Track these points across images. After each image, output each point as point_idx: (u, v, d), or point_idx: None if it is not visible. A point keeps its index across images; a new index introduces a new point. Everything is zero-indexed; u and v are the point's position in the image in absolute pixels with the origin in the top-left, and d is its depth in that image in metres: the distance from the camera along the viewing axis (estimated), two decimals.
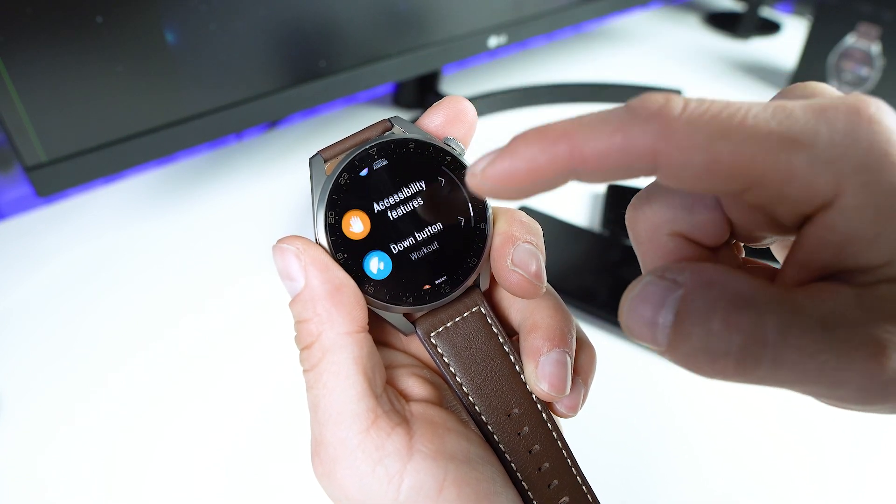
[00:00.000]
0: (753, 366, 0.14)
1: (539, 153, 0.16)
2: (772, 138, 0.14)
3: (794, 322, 0.14)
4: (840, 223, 0.15)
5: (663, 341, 0.15)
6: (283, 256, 0.21)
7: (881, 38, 0.76)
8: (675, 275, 0.15)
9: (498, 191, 0.17)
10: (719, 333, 0.14)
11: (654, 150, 0.15)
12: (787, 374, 0.14)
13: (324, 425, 0.20)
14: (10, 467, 0.41)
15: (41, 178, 0.49)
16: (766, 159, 0.14)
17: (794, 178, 0.14)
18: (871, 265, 0.14)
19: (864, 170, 0.14)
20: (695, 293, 0.15)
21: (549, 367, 0.22)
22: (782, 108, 0.15)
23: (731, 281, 0.15)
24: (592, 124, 0.16)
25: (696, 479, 0.42)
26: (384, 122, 0.24)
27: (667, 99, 0.15)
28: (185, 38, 0.51)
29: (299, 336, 0.21)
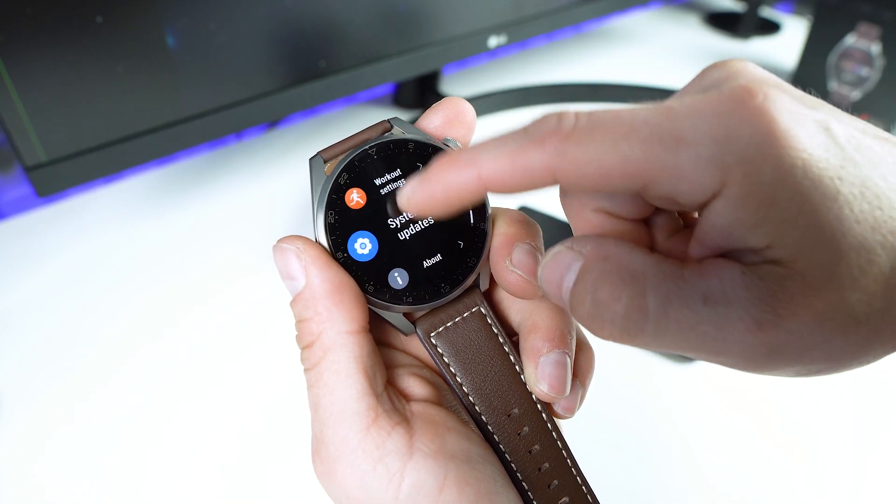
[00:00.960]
0: (636, 332, 0.16)
1: (452, 179, 0.18)
2: (656, 143, 0.16)
3: (677, 296, 0.16)
4: (726, 211, 0.16)
5: (566, 301, 0.18)
6: (284, 256, 0.21)
7: (881, 38, 0.76)
8: (580, 246, 0.18)
9: (426, 211, 0.19)
10: (605, 302, 0.16)
11: (550, 169, 0.17)
12: (670, 341, 0.16)
13: (324, 424, 0.20)
14: (10, 467, 0.41)
15: (41, 178, 0.49)
16: (654, 162, 0.16)
17: (682, 175, 0.16)
18: (756, 247, 0.15)
19: (745, 163, 0.15)
20: (592, 264, 0.17)
21: (548, 367, 0.22)
22: (667, 111, 0.16)
23: (625, 256, 0.17)
24: (494, 151, 0.18)
25: (695, 479, 0.42)
26: (384, 122, 0.24)
27: (559, 118, 0.17)
28: (185, 38, 0.51)
29: (300, 335, 0.21)
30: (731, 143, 0.15)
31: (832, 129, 0.16)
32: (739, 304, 0.15)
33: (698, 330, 0.15)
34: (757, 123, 0.15)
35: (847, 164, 0.15)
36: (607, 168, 0.16)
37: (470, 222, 0.23)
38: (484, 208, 0.24)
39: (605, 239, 0.18)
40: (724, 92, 0.16)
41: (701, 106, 0.16)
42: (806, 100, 0.17)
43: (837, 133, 0.16)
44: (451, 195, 0.18)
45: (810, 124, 0.16)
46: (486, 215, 0.24)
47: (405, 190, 0.19)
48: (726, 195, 0.15)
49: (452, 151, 0.19)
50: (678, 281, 0.16)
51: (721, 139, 0.15)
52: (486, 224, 0.23)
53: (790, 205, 0.15)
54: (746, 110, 0.15)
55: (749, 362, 0.16)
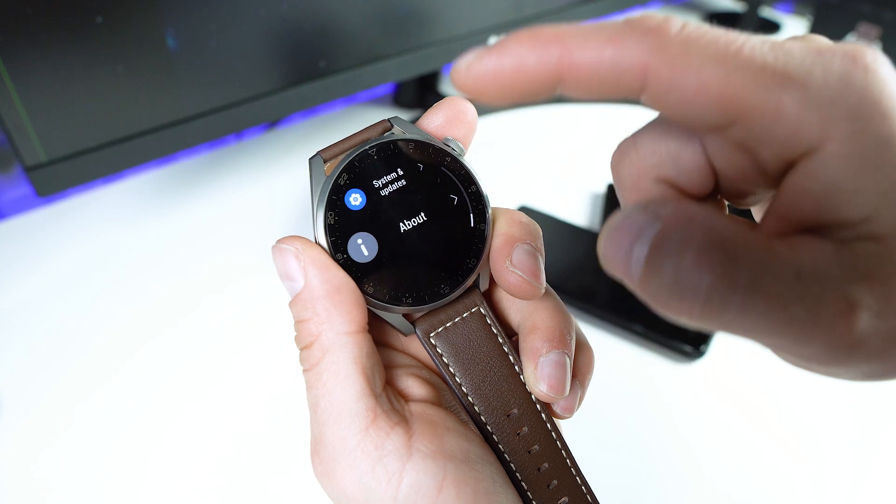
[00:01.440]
0: (721, 308, 0.14)
1: (529, 53, 0.16)
2: (765, 71, 0.14)
3: (769, 269, 0.14)
4: (823, 172, 0.14)
5: (636, 273, 0.15)
6: (283, 256, 0.21)
7: (881, 38, 0.76)
8: (657, 207, 0.15)
9: (481, 89, 0.17)
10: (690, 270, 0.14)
11: (645, 66, 0.15)
12: (754, 321, 0.14)
13: (323, 424, 0.20)
14: (10, 467, 0.41)
15: (41, 178, 0.49)
16: (757, 92, 0.14)
17: (782, 116, 0.14)
18: (851, 220, 0.14)
19: (854, 118, 0.14)
20: (673, 226, 0.14)
21: (548, 368, 0.22)
22: (780, 45, 0.15)
23: (712, 219, 0.14)
24: (587, 32, 0.15)
25: (695, 479, 0.42)
26: (384, 122, 0.24)
27: (666, 18, 0.15)
28: (185, 38, 0.51)
29: (299, 336, 0.21)
30: (843, 95, 0.14)
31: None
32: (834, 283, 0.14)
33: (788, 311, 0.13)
34: (871, 80, 0.14)
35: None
36: (707, 82, 0.14)
37: (470, 223, 0.23)
38: (484, 209, 0.24)
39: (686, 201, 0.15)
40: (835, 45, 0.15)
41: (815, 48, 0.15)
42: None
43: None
44: (523, 74, 0.16)
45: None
46: (486, 216, 0.23)
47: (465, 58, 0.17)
48: (826, 152, 0.14)
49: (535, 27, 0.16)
50: (770, 252, 0.14)
51: (832, 88, 0.14)
52: (486, 224, 0.23)
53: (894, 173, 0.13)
54: (860, 65, 0.14)
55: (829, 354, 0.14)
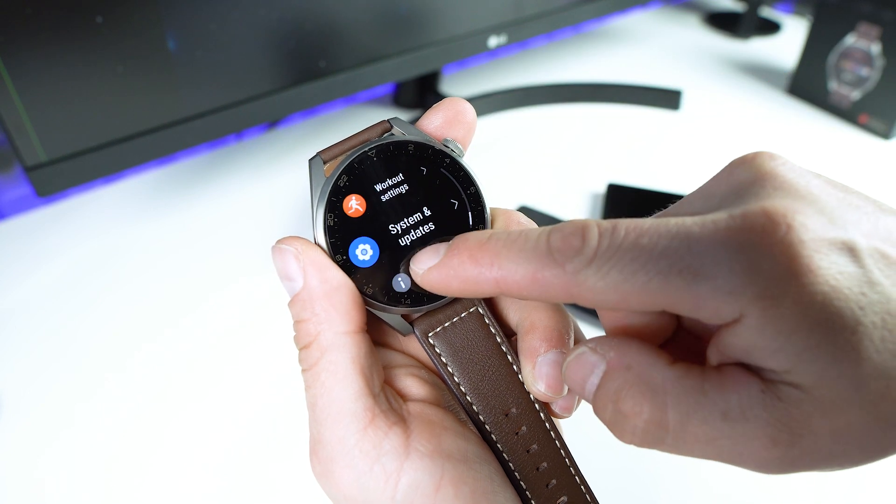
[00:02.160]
0: (655, 443, 0.17)
1: (470, 273, 0.19)
2: (676, 274, 0.16)
3: (697, 412, 0.16)
4: (744, 336, 0.16)
5: (590, 401, 0.18)
6: (283, 257, 0.21)
7: (881, 38, 0.76)
8: (604, 350, 0.18)
9: (435, 290, 0.21)
10: (627, 414, 0.17)
11: (568, 291, 0.17)
12: (688, 451, 0.16)
13: (322, 424, 0.20)
14: (10, 467, 0.41)
15: (41, 178, 0.49)
16: (672, 292, 0.16)
17: (700, 305, 0.16)
18: (775, 370, 0.16)
19: (765, 297, 0.15)
20: (614, 372, 0.18)
21: (546, 367, 0.22)
22: (686, 238, 0.16)
23: (648, 368, 0.17)
24: (517, 260, 0.18)
25: (694, 479, 0.42)
26: (383, 123, 0.24)
27: (583, 237, 0.17)
28: (186, 37, 0.52)
29: (298, 336, 0.21)
30: (751, 277, 0.15)
31: (858, 249, 0.16)
32: (757, 423, 0.16)
33: (716, 444, 0.16)
34: (778, 259, 0.15)
35: (870, 291, 0.15)
36: (626, 296, 0.17)
37: (468, 224, 0.23)
38: (482, 210, 0.24)
39: (629, 345, 0.18)
40: (747, 219, 0.16)
41: (721, 235, 0.16)
42: (836, 213, 0.16)
43: (863, 253, 0.16)
44: (466, 287, 0.19)
45: (834, 250, 0.16)
46: (485, 217, 0.23)
47: (421, 259, 0.21)
48: (744, 324, 0.16)
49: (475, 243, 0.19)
50: (699, 396, 0.16)
51: (740, 272, 0.15)
52: (485, 226, 0.23)
53: (809, 336, 0.15)
54: (767, 244, 0.15)
55: (765, 470, 0.16)
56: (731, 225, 0.16)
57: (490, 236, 0.19)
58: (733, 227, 0.16)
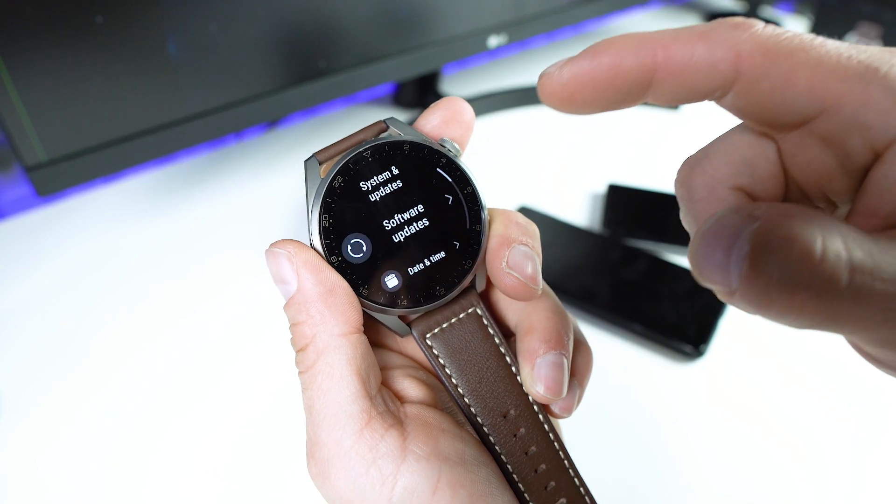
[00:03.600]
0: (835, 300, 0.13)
1: (626, 53, 0.16)
2: (851, 62, 0.15)
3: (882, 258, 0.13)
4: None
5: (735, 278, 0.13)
6: (276, 260, 0.21)
7: (882, 37, 0.76)
8: (751, 209, 0.14)
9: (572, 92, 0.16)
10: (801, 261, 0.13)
11: (738, 56, 0.15)
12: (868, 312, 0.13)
13: (318, 426, 0.20)
14: (10, 467, 0.41)
15: (41, 178, 0.49)
16: (845, 81, 0.14)
17: (870, 104, 0.14)
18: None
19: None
20: (774, 222, 0.13)
21: (544, 369, 0.22)
22: (858, 45, 0.15)
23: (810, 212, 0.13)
24: (678, 32, 0.16)
25: (694, 480, 0.42)
26: (379, 123, 0.24)
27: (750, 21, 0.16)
28: (185, 37, 0.52)
29: (294, 338, 0.21)
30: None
31: None
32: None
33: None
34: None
35: None
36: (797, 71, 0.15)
37: (466, 223, 0.23)
38: (479, 210, 0.23)
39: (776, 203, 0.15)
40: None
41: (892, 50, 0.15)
42: None
43: None
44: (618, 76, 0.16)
45: None
46: (482, 217, 0.23)
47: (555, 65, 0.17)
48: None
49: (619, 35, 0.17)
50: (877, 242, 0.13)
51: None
52: (482, 226, 0.23)
53: None
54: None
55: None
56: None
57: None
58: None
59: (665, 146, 0.77)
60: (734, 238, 0.13)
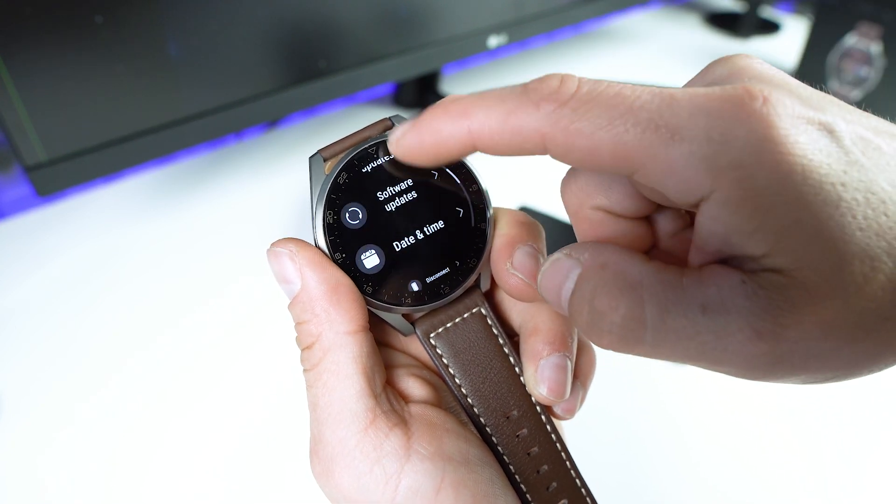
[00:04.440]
0: (634, 343, 0.16)
1: (442, 128, 0.18)
2: (651, 130, 0.15)
3: (675, 306, 0.15)
4: (720, 215, 0.15)
5: (566, 310, 0.18)
6: (278, 260, 0.21)
7: (882, 37, 0.76)
8: (578, 253, 0.18)
9: (410, 157, 0.19)
10: (602, 311, 0.16)
11: (541, 134, 0.16)
12: (669, 351, 0.16)
13: (323, 424, 0.20)
14: (10, 467, 0.41)
15: (41, 178, 0.49)
16: (644, 150, 0.15)
17: (672, 170, 0.15)
18: (754, 255, 0.15)
19: (738, 167, 0.14)
20: (589, 272, 0.17)
21: (548, 371, 0.22)
22: (669, 99, 0.15)
23: (623, 264, 0.16)
24: (490, 104, 0.17)
25: (694, 481, 0.42)
26: (385, 120, 0.24)
27: (561, 82, 0.17)
28: (185, 38, 0.51)
29: (300, 337, 0.21)
30: (726, 145, 0.15)
31: (837, 130, 0.15)
32: (739, 314, 0.15)
33: (697, 340, 0.15)
34: (754, 127, 0.15)
35: (851, 169, 0.14)
36: (598, 144, 0.16)
37: (471, 222, 0.23)
38: (485, 209, 0.23)
39: (604, 246, 0.17)
40: (725, 90, 0.15)
41: (701, 101, 0.15)
42: (813, 100, 0.16)
43: (843, 135, 0.15)
44: (440, 145, 0.18)
45: (813, 128, 0.15)
46: (488, 216, 0.23)
47: (395, 132, 0.20)
48: (718, 199, 0.15)
49: (447, 99, 0.18)
50: (676, 290, 0.16)
51: (716, 139, 0.15)
52: (488, 225, 0.23)
53: (788, 212, 0.14)
54: (745, 112, 0.15)
55: (751, 371, 0.15)
56: (710, 94, 0.15)
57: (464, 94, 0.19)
58: (712, 96, 0.15)
59: None
60: (563, 280, 0.18)
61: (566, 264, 0.18)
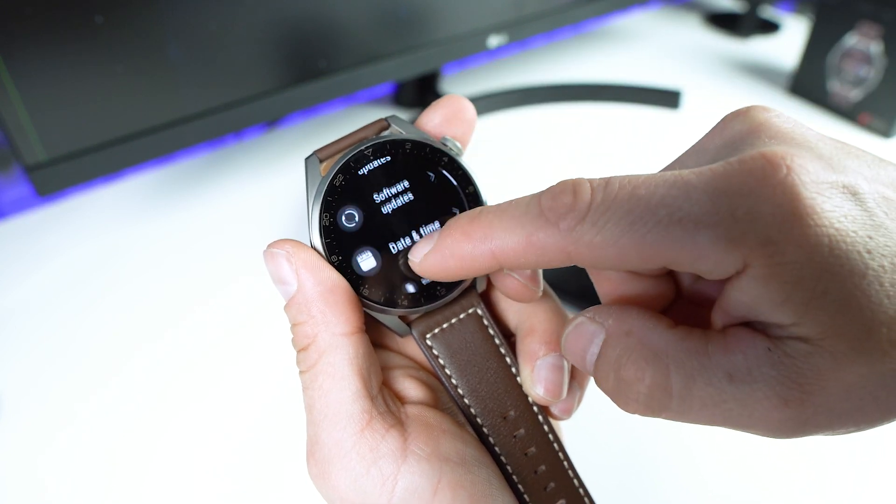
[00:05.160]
0: (660, 410, 0.16)
1: (465, 251, 0.19)
2: (674, 224, 0.15)
3: (701, 375, 0.15)
4: (749, 288, 0.15)
5: (591, 373, 0.18)
6: (275, 261, 0.21)
7: (882, 37, 0.76)
8: (602, 318, 0.18)
9: (436, 277, 0.20)
10: (629, 381, 0.16)
11: (565, 251, 0.17)
12: (695, 417, 0.16)
13: (319, 426, 0.20)
14: (10, 467, 0.41)
15: (41, 178, 0.49)
16: (671, 245, 0.15)
17: (702, 256, 0.15)
18: (781, 324, 0.15)
19: (768, 243, 0.15)
20: (614, 339, 0.17)
21: (544, 371, 0.22)
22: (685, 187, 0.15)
23: (648, 332, 0.17)
24: (508, 227, 0.18)
25: (694, 481, 0.42)
26: (381, 121, 0.24)
27: (574, 195, 0.17)
28: (185, 37, 0.52)
29: (296, 338, 0.21)
30: (753, 223, 0.15)
31: (861, 192, 0.15)
32: (766, 383, 0.15)
33: (723, 407, 0.15)
34: (780, 201, 0.15)
35: (876, 234, 0.15)
36: (624, 250, 0.16)
37: None
38: None
39: (628, 311, 0.17)
40: (744, 164, 0.15)
41: (720, 181, 0.15)
42: (834, 159, 0.16)
43: (866, 197, 0.15)
44: (464, 267, 0.19)
45: (836, 192, 0.15)
46: None
47: (418, 249, 0.20)
48: (748, 275, 0.15)
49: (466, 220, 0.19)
50: (702, 358, 0.16)
51: (741, 218, 0.15)
52: None
53: (816, 284, 0.14)
54: (769, 186, 0.15)
55: (777, 433, 0.16)
56: (728, 171, 0.15)
57: (480, 211, 0.19)
58: (731, 172, 0.15)
59: (665, 146, 0.77)
60: (587, 345, 0.18)
61: (590, 329, 0.18)
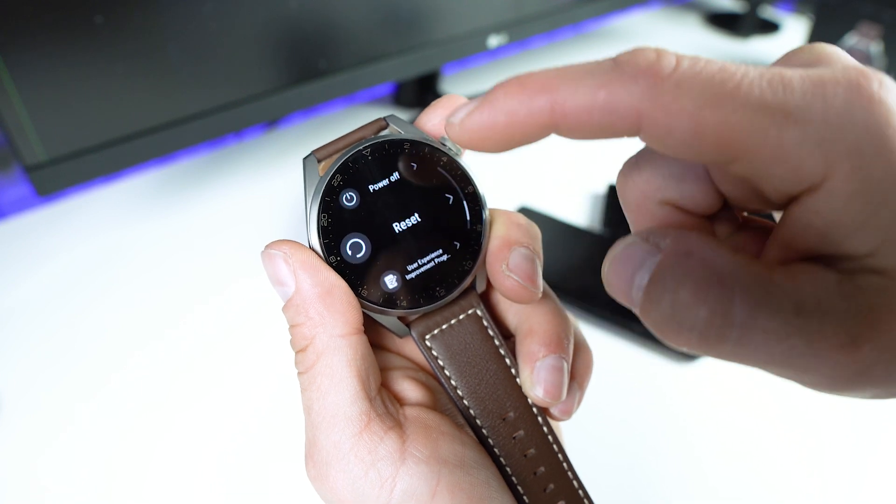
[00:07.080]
0: (717, 342, 0.14)
1: (518, 106, 0.16)
2: (763, 111, 0.14)
3: (767, 303, 0.14)
4: (826, 208, 0.14)
5: (637, 302, 0.15)
6: (272, 262, 0.21)
7: (882, 37, 0.76)
8: (657, 239, 0.15)
9: (476, 143, 0.17)
10: (686, 305, 0.14)
11: (638, 112, 0.14)
12: (752, 353, 0.14)
13: (317, 428, 0.20)
14: (10, 467, 0.41)
15: (41, 178, 0.49)
16: (755, 133, 0.14)
17: (783, 156, 0.14)
18: (856, 254, 0.14)
19: (857, 154, 0.13)
20: (671, 260, 0.14)
21: (544, 372, 0.22)
22: (780, 78, 0.14)
23: (710, 253, 0.14)
24: (576, 78, 0.15)
25: (695, 480, 0.42)
26: (379, 120, 0.23)
27: (658, 55, 0.15)
28: (185, 37, 0.51)
29: (294, 340, 0.21)
30: (844, 131, 0.13)
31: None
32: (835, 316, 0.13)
33: (787, 343, 0.13)
34: (875, 111, 0.13)
35: None
36: (702, 126, 0.14)
37: (466, 224, 0.23)
38: (480, 210, 0.23)
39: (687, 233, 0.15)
40: (838, 72, 0.14)
41: (816, 82, 0.14)
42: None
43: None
44: (513, 127, 0.16)
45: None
46: (483, 217, 0.23)
47: (457, 112, 0.17)
48: (828, 189, 0.14)
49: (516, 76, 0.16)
50: (768, 286, 0.14)
51: (833, 124, 0.13)
52: (483, 226, 0.23)
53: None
54: (864, 96, 0.13)
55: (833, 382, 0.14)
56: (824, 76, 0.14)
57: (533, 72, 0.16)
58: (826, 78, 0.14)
59: None
60: (638, 267, 0.15)
61: (642, 249, 0.15)
